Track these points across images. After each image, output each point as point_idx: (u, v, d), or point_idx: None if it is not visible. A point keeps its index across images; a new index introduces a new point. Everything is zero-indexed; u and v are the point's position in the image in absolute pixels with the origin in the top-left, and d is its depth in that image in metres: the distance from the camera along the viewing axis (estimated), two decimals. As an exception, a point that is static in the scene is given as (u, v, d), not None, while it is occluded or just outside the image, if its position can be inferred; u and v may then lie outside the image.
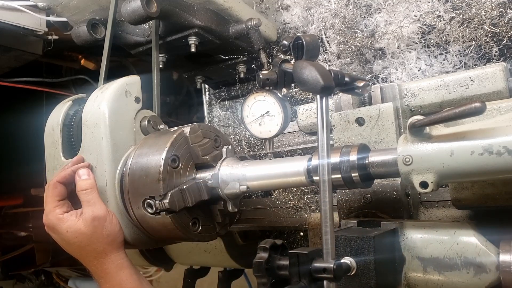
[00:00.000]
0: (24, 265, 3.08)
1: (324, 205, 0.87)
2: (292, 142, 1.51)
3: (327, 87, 0.87)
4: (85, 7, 1.48)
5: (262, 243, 0.91)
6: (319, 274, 0.83)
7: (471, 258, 0.93)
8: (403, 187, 1.19)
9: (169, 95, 2.58)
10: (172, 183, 1.12)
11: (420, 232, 1.01)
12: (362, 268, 0.94)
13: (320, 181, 0.88)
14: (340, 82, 0.97)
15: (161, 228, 1.15)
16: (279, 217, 1.49)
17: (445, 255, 0.96)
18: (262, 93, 1.15)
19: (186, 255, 1.73)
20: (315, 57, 1.00)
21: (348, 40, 1.46)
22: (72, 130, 1.28)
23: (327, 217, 0.86)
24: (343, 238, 0.98)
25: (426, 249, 0.98)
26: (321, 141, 0.89)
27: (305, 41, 0.98)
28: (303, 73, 0.90)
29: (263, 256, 0.88)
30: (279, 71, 1.08)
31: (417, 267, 0.99)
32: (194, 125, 1.22)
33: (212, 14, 1.42)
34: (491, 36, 1.26)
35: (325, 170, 0.88)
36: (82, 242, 1.13)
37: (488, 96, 1.16)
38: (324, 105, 0.90)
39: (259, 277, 0.88)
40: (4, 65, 1.94)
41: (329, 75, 0.90)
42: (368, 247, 0.94)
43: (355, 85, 0.99)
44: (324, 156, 0.88)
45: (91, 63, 2.32)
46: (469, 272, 0.93)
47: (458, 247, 0.95)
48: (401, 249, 1.01)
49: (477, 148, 0.86)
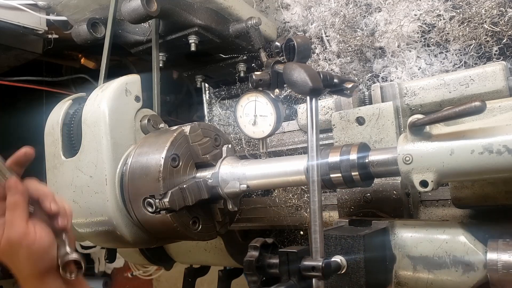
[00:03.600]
0: (24, 264, 3.07)
1: (313, 204, 0.88)
2: (292, 141, 1.51)
3: (315, 89, 0.89)
4: (85, 6, 1.48)
5: (253, 242, 0.92)
6: (308, 272, 0.84)
7: (459, 256, 0.94)
8: (403, 186, 1.19)
9: (169, 94, 2.58)
10: (172, 182, 1.12)
11: (410, 231, 1.01)
12: (353, 267, 0.94)
13: (309, 181, 0.90)
14: (329, 83, 1.00)
15: (161, 227, 1.15)
16: (279, 216, 1.49)
17: (434, 253, 0.97)
18: (255, 94, 1.17)
19: (186, 254, 1.73)
20: (306, 58, 1.01)
21: (348, 39, 1.45)
22: (72, 129, 1.28)
23: (316, 216, 0.87)
24: (334, 236, 0.98)
25: (416, 247, 0.99)
26: (310, 142, 0.91)
27: (296, 42, 0.99)
28: (292, 74, 0.92)
29: (253, 254, 0.90)
30: (272, 72, 1.10)
31: (407, 266, 0.99)
32: (194, 124, 1.22)
33: (212, 13, 1.42)
34: (491, 35, 1.26)
35: (314, 170, 0.89)
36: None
37: (488, 95, 1.16)
38: (313, 106, 0.92)
39: (249, 275, 0.90)
40: (4, 64, 1.94)
41: (318, 77, 0.93)
42: (358, 246, 0.95)
43: (343, 87, 1.02)
44: (313, 156, 0.90)
45: (91, 62, 2.32)
46: (457, 270, 0.94)
47: (447, 245, 0.96)
48: (392, 248, 1.02)
49: (477, 147, 0.86)
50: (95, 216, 1.20)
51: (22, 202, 1.01)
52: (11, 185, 1.00)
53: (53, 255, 1.02)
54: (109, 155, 1.18)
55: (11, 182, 1.01)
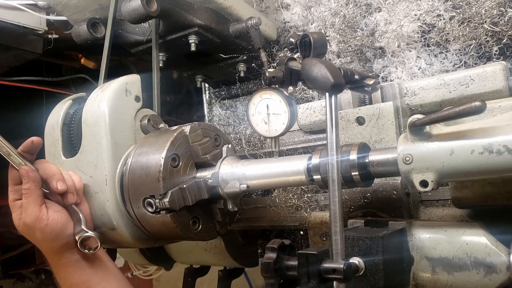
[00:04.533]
0: (24, 264, 3.07)
1: (333, 204, 0.85)
2: (292, 141, 1.51)
3: (337, 85, 0.85)
4: (85, 6, 1.47)
5: (270, 243, 0.89)
6: (328, 275, 0.82)
7: (481, 258, 0.92)
8: (403, 186, 1.19)
9: (169, 94, 2.57)
10: (172, 182, 1.12)
11: (428, 232, 1.00)
12: (371, 269, 0.93)
13: (330, 180, 0.86)
14: (349, 80, 0.95)
15: (161, 227, 1.15)
16: (279, 216, 1.49)
17: (454, 255, 0.95)
18: (268, 91, 1.13)
19: (186, 254, 1.73)
20: (323, 54, 0.98)
21: (348, 39, 1.45)
22: (72, 129, 1.28)
23: (336, 217, 0.84)
24: (351, 238, 0.96)
25: (434, 249, 0.97)
26: (330, 140, 0.88)
27: (312, 38, 0.95)
28: (312, 70, 0.88)
29: (271, 256, 0.87)
30: (286, 69, 1.05)
31: (426, 267, 0.98)
32: (194, 124, 1.22)
33: (212, 13, 1.42)
34: (491, 35, 1.26)
35: (334, 169, 0.86)
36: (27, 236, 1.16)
37: (488, 95, 1.16)
38: (333, 103, 0.88)
39: (267, 277, 0.86)
40: (4, 64, 1.94)
41: (339, 73, 0.88)
42: (377, 247, 0.93)
43: (364, 83, 0.97)
44: (333, 154, 0.87)
45: (91, 62, 2.32)
46: (479, 272, 0.92)
47: (468, 247, 0.94)
48: (409, 249, 1.00)
49: (477, 147, 0.86)
50: (95, 216, 1.20)
51: (34, 189, 1.11)
52: (23, 173, 1.11)
53: (67, 234, 1.14)
54: (109, 155, 1.18)
55: (22, 170, 1.11)
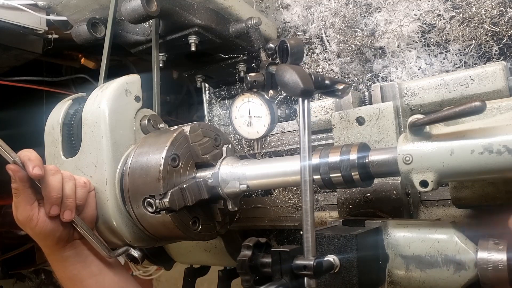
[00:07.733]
0: (24, 264, 3.07)
1: (305, 204, 0.88)
2: (292, 141, 1.51)
3: (306, 90, 0.91)
4: (85, 6, 1.47)
5: (246, 241, 0.93)
6: (299, 271, 0.85)
7: (451, 255, 0.94)
8: (403, 186, 1.19)
9: (169, 94, 2.58)
10: (172, 182, 1.12)
11: (403, 230, 1.02)
12: (346, 266, 0.95)
13: (302, 181, 0.90)
14: (320, 85, 1.02)
15: (161, 227, 1.15)
16: (279, 216, 1.50)
17: (426, 253, 0.97)
18: (250, 95, 1.18)
19: (186, 254, 1.73)
20: (300, 60, 1.02)
21: (348, 39, 1.45)
22: (72, 129, 1.28)
23: (308, 215, 0.87)
24: (327, 236, 0.99)
25: (408, 247, 0.99)
26: (302, 143, 0.91)
27: (289, 44, 1.00)
28: (284, 76, 0.93)
29: (246, 254, 0.91)
30: (266, 73, 1.11)
31: (400, 265, 1.00)
32: (194, 124, 1.22)
33: (212, 13, 1.42)
34: (491, 35, 1.26)
35: (306, 170, 0.90)
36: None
37: (488, 95, 1.16)
38: (306, 107, 0.93)
39: (242, 274, 0.91)
40: (4, 64, 1.94)
41: (309, 78, 0.94)
42: (351, 245, 0.95)
43: (335, 88, 1.04)
44: (305, 157, 0.90)
45: (91, 62, 2.32)
46: (449, 269, 0.94)
47: (439, 245, 0.96)
48: (385, 247, 1.02)
49: (477, 147, 0.86)
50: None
51: (23, 188, 1.08)
52: (10, 173, 1.07)
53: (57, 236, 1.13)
54: (109, 155, 1.18)
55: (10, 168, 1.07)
